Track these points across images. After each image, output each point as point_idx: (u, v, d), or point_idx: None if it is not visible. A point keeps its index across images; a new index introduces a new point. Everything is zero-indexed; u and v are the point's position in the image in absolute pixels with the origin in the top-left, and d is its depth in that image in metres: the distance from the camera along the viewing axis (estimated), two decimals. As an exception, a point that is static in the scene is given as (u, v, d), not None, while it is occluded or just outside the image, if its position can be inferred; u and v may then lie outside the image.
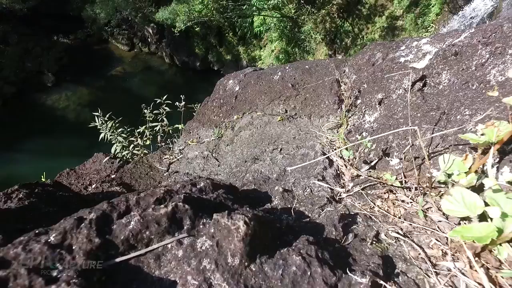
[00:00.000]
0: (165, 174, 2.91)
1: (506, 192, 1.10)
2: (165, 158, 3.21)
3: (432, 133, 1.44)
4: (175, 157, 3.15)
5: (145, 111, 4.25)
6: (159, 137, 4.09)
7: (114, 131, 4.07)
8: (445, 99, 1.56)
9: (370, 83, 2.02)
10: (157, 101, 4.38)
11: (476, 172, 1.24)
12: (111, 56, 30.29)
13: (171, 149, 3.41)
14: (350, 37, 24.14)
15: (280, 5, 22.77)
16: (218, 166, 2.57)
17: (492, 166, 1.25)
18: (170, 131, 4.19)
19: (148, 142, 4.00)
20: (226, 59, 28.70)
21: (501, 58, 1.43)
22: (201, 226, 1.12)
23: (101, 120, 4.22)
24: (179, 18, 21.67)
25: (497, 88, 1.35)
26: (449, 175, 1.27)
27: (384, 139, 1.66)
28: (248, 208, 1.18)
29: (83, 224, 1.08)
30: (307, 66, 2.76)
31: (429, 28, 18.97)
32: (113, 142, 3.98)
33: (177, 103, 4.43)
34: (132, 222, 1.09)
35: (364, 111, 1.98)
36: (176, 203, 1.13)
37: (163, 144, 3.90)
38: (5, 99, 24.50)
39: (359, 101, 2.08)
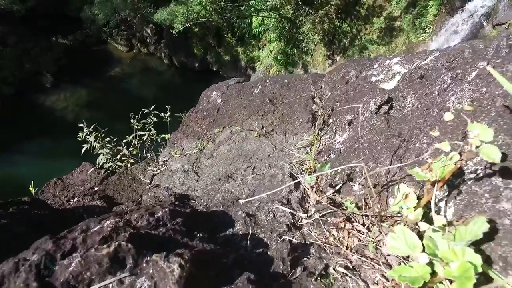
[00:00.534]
0: (147, 187, 2.92)
1: (443, 233, 1.11)
2: (149, 170, 3.22)
3: (390, 164, 1.45)
4: (159, 169, 3.17)
5: (132, 121, 4.25)
6: (146, 146, 4.10)
7: (100, 141, 4.06)
8: (407, 125, 1.57)
9: (342, 102, 2.03)
10: (145, 111, 4.36)
11: (426, 205, 1.25)
12: (110, 57, 30.30)
13: (156, 160, 3.42)
14: (348, 38, 24.11)
15: (278, 6, 22.77)
16: (197, 181, 2.58)
17: (441, 201, 1.25)
18: (158, 139, 4.19)
19: (135, 152, 4.01)
20: (225, 59, 28.71)
21: (460, 85, 1.44)
22: (144, 265, 1.13)
23: (86, 131, 4.20)
24: (177, 19, 21.68)
25: (438, 129, 1.35)
26: (401, 208, 1.28)
27: (346, 163, 1.68)
28: (198, 242, 1.19)
29: (22, 267, 1.08)
30: (286, 81, 2.77)
31: (427, 29, 18.97)
32: (99, 152, 3.97)
33: (162, 113, 4.42)
34: (73, 264, 1.10)
35: (335, 131, 1.98)
36: (119, 243, 1.13)
37: (149, 154, 3.91)
38: (4, 100, 24.52)
39: (331, 120, 2.09)
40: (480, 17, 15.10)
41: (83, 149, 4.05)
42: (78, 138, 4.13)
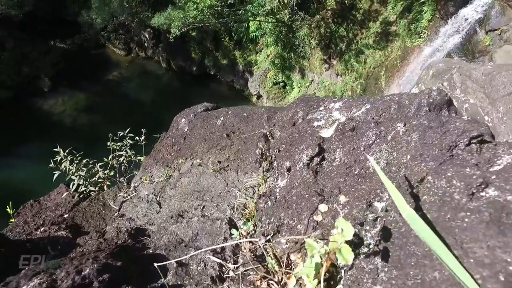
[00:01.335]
0: (115, 214, 2.98)
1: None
2: (120, 195, 3.29)
3: (307, 224, 1.51)
4: (129, 195, 3.23)
5: (109, 143, 4.29)
6: (123, 167, 4.14)
7: (75, 165, 4.09)
8: (330, 183, 1.61)
9: (287, 144, 2.07)
10: (120, 134, 4.38)
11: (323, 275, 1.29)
12: (108, 61, 30.44)
13: (127, 185, 3.48)
14: (344, 42, 24.15)
15: (275, 10, 22.84)
16: (157, 213, 2.64)
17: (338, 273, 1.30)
18: (138, 159, 4.23)
19: (112, 173, 4.05)
20: (222, 63, 28.79)
21: (381, 145, 1.48)
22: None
23: (61, 155, 4.23)
24: (174, 24, 21.76)
25: (351, 192, 1.40)
26: (306, 274, 1.32)
27: (277, 215, 1.73)
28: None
29: None
30: (245, 114, 2.83)
31: (422, 34, 19.02)
32: (76, 175, 3.99)
33: (137, 137, 4.46)
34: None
35: (277, 175, 2.03)
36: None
37: (123, 178, 3.95)
38: (1, 103, 24.66)
39: (275, 163, 2.14)
40: (474, 23, 15.16)
41: (55, 176, 4.07)
42: (50, 166, 4.16)
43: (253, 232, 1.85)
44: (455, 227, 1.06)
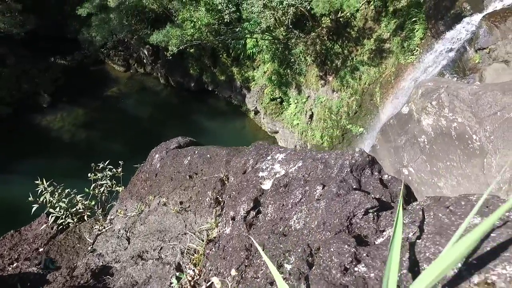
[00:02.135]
0: (88, 249, 3.10)
1: None
2: (95, 228, 3.41)
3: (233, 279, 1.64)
4: (104, 227, 3.35)
5: (90, 174, 4.42)
6: (103, 197, 4.26)
7: (56, 196, 4.20)
8: (258, 239, 1.73)
9: (236, 192, 2.20)
10: (100, 166, 4.51)
11: None
12: (107, 77, 30.88)
13: (105, 216, 3.61)
14: (340, 59, 24.51)
15: (271, 28, 23.29)
16: (125, 249, 2.77)
17: None
18: (118, 190, 4.34)
19: (93, 202, 4.16)
20: (220, 79, 29.16)
21: (303, 205, 1.61)
22: None
23: (41, 187, 4.33)
24: (172, 42, 22.18)
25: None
26: None
27: (216, 263, 1.85)
28: None
29: None
30: (208, 155, 2.98)
31: (415, 51, 19.34)
32: (55, 206, 4.10)
33: (114, 169, 4.60)
34: None
35: (225, 222, 2.16)
36: None
37: (101, 209, 4.06)
38: (1, 119, 24.97)
39: (224, 211, 2.27)
40: (463, 42, 15.46)
41: (33, 211, 4.17)
42: (29, 199, 4.26)
43: (198, 277, 1.97)
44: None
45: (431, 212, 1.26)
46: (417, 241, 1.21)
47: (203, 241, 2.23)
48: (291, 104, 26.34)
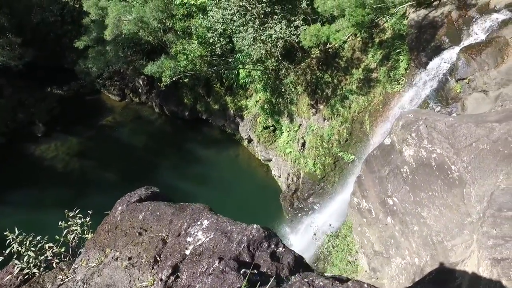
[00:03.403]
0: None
1: None
2: (59, 278, 3.45)
3: None
4: (67, 277, 3.39)
5: (60, 223, 4.43)
6: (73, 243, 4.24)
7: (25, 245, 4.16)
8: None
9: (168, 254, 2.31)
10: (71, 215, 4.52)
11: None
12: (103, 106, 31.32)
13: (70, 265, 3.64)
14: (330, 88, 24.97)
15: (263, 59, 23.99)
16: None
17: None
18: (88, 237, 4.32)
19: (63, 249, 4.15)
20: (214, 108, 29.65)
21: (205, 276, 1.72)
22: None
23: (11, 237, 4.28)
24: (165, 74, 22.75)
25: None
26: None
27: None
28: None
29: None
30: (158, 213, 3.14)
31: (400, 81, 19.82)
32: (23, 255, 4.06)
33: (83, 218, 4.55)
34: None
35: (159, 281, 2.24)
36: None
37: (68, 257, 4.05)
38: (-6, 150, 25.08)
39: (158, 270, 2.37)
40: (444, 72, 15.94)
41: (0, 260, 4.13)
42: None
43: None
44: None
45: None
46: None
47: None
48: (283, 132, 26.66)
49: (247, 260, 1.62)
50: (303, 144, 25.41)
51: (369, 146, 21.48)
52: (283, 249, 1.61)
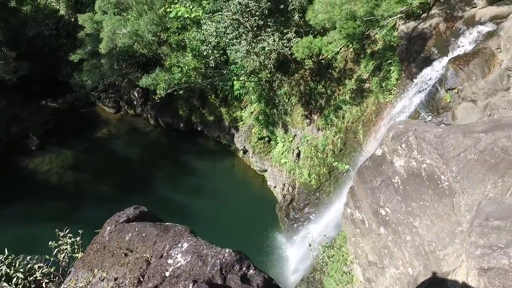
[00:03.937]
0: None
1: None
2: (46, 300, 3.47)
3: None
4: (55, 300, 3.41)
5: (51, 243, 4.45)
6: (63, 263, 4.24)
7: (14, 267, 4.17)
8: None
9: (151, 275, 2.39)
10: (61, 235, 4.53)
11: None
12: (98, 119, 31.34)
13: (59, 285, 3.66)
14: (324, 98, 25.19)
15: (256, 70, 24.23)
16: None
17: None
18: (78, 256, 4.33)
19: (52, 269, 4.16)
20: (209, 120, 29.76)
21: None
22: None
23: (0, 259, 4.28)
24: (159, 86, 22.89)
25: None
26: None
27: None
28: None
29: None
30: (144, 234, 3.23)
31: (392, 91, 20.06)
32: (12, 277, 4.06)
33: (73, 238, 4.58)
34: None
35: None
36: None
37: (62, 273, 4.06)
38: (-13, 164, 24.92)
39: None
40: (435, 83, 16.20)
41: None
42: None
43: None
44: None
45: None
46: None
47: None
48: (278, 143, 26.76)
49: (219, 283, 1.72)
50: (298, 155, 25.50)
51: (363, 155, 21.59)
52: (254, 271, 1.71)
